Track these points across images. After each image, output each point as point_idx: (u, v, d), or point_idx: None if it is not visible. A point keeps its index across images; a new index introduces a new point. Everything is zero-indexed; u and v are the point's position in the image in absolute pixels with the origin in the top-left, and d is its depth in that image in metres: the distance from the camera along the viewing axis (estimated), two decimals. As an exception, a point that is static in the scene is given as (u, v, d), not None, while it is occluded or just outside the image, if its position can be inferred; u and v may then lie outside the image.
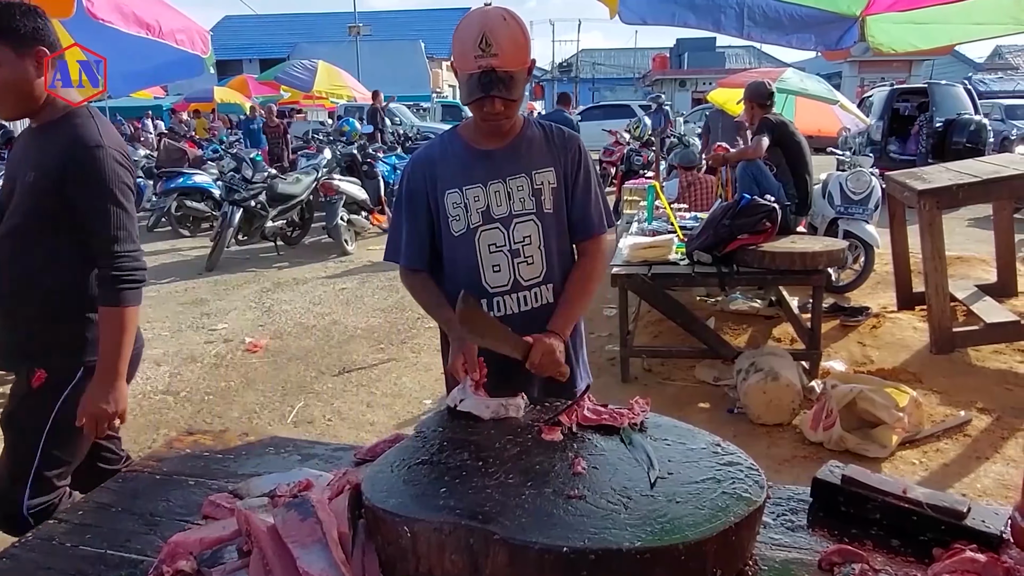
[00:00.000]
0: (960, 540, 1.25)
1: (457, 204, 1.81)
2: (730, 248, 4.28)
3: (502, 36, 1.62)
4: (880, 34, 2.72)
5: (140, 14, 3.69)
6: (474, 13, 1.68)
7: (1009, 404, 3.95)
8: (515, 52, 1.64)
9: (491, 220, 1.81)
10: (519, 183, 1.82)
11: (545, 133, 1.89)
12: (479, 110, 1.72)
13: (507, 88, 1.64)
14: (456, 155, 1.84)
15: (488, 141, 1.83)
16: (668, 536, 1.12)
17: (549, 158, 1.85)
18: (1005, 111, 16.41)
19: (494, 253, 1.82)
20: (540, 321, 1.83)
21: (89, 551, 1.37)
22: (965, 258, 6.74)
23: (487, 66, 1.61)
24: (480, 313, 1.65)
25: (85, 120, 1.93)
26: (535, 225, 1.83)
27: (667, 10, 2.61)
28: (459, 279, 1.84)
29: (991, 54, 34.85)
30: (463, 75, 1.67)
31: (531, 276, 1.85)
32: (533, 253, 1.84)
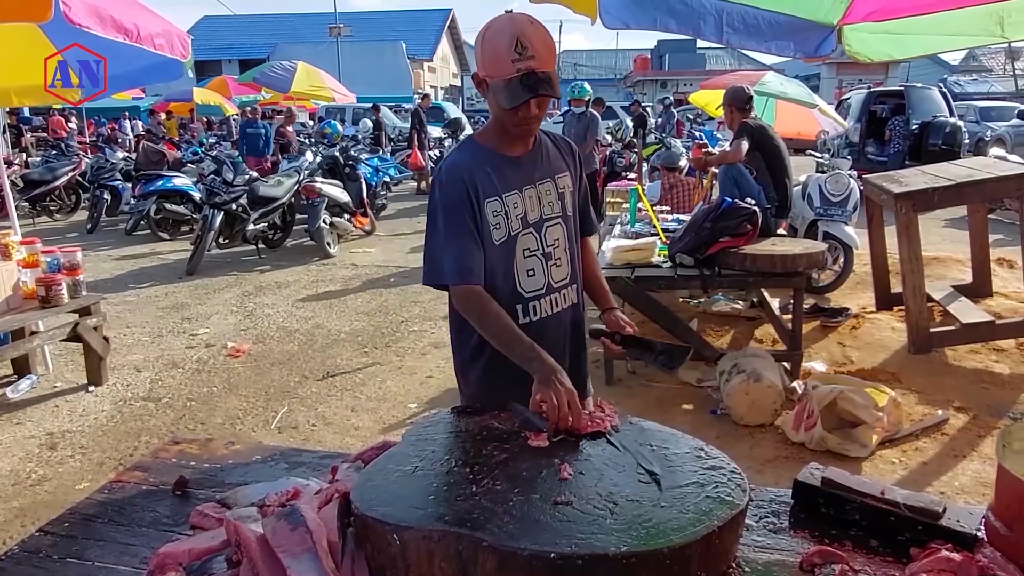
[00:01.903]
0: (936, 540, 1.28)
1: (498, 212, 1.78)
2: (712, 250, 4.33)
3: (535, 38, 1.63)
4: (857, 43, 2.76)
5: (118, 18, 3.65)
6: (501, 19, 1.67)
7: (985, 403, 4.03)
8: (548, 53, 1.66)
9: (527, 225, 1.83)
10: (547, 187, 1.86)
11: (553, 141, 1.93)
12: (515, 115, 1.70)
13: (550, 87, 1.65)
14: (488, 163, 1.80)
15: (515, 148, 1.83)
16: (653, 540, 1.14)
17: (564, 164, 1.91)
18: (979, 113, 16.71)
19: (528, 258, 1.83)
20: (568, 321, 1.91)
21: (75, 563, 1.37)
22: (941, 258, 6.85)
23: (527, 68, 1.61)
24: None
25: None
26: (562, 228, 1.88)
27: (648, 15, 2.64)
28: (494, 287, 1.80)
29: (965, 56, 35.42)
30: (499, 81, 1.64)
31: (560, 278, 1.89)
32: (561, 255, 1.88)
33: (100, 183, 10.57)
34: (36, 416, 4.27)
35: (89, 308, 4.48)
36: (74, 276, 4.35)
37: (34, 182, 10.80)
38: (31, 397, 4.53)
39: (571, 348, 1.95)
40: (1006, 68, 30.22)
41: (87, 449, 3.85)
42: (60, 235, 10.09)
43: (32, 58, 4.68)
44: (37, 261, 4.27)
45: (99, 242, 9.73)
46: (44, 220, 11.19)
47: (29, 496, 3.39)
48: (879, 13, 2.72)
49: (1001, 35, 2.83)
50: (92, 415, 4.27)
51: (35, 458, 3.76)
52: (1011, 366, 4.50)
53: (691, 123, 16.56)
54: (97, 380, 4.65)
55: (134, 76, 4.75)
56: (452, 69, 44.73)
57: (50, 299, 4.16)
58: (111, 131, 18.72)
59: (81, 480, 3.51)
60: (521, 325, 1.78)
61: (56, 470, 3.64)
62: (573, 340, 1.96)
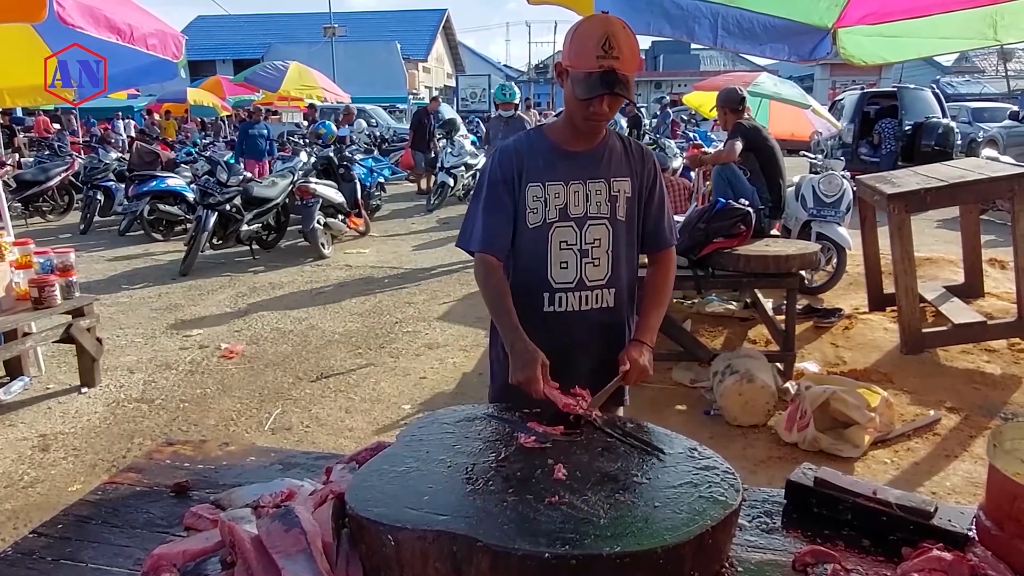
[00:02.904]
0: (928, 539, 1.29)
1: (537, 198, 1.86)
2: (706, 251, 4.34)
3: (623, 41, 1.71)
4: (851, 46, 2.78)
5: (112, 18, 3.65)
6: (596, 18, 1.79)
7: (977, 403, 4.05)
8: (632, 58, 1.73)
9: (567, 218, 1.87)
10: (598, 187, 1.88)
11: (625, 145, 1.96)
12: (586, 108, 1.77)
13: (625, 88, 1.72)
14: (542, 151, 1.89)
15: (575, 143, 1.89)
16: (647, 540, 1.15)
17: (627, 169, 1.93)
18: (972, 114, 16.79)
19: (564, 250, 1.88)
20: (596, 321, 1.94)
21: (69, 565, 1.37)
22: (934, 259, 6.89)
23: (608, 66, 1.69)
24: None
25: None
26: (607, 229, 1.90)
27: (642, 19, 2.65)
28: (525, 270, 1.90)
29: (958, 58, 35.57)
30: (580, 73, 1.73)
31: (596, 277, 1.91)
32: (601, 256, 1.90)
33: (93, 184, 10.53)
34: (29, 418, 4.25)
35: (82, 309, 4.47)
36: (67, 277, 4.33)
37: (27, 183, 10.75)
38: (23, 398, 4.51)
39: (599, 350, 1.94)
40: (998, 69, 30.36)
41: (80, 451, 3.83)
42: (53, 236, 10.05)
43: (26, 58, 4.67)
44: (30, 262, 4.25)
45: (92, 243, 9.69)
46: (37, 221, 11.14)
47: (21, 498, 3.38)
48: (873, 16, 2.74)
49: (995, 38, 2.85)
50: (85, 417, 4.25)
51: (27, 460, 3.75)
52: (1002, 366, 4.53)
53: (686, 124, 16.62)
54: (90, 381, 4.63)
55: (131, 76, 4.76)
56: (447, 69, 44.71)
57: (43, 300, 4.14)
58: (104, 131, 18.64)
59: (74, 482, 3.50)
60: (545, 313, 1.89)
61: (49, 472, 3.62)
62: (603, 343, 1.95)
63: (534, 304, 1.89)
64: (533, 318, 1.86)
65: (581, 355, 1.92)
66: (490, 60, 54.41)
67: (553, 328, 1.88)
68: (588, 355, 1.93)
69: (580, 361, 1.91)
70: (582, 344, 1.92)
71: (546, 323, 1.88)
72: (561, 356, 1.81)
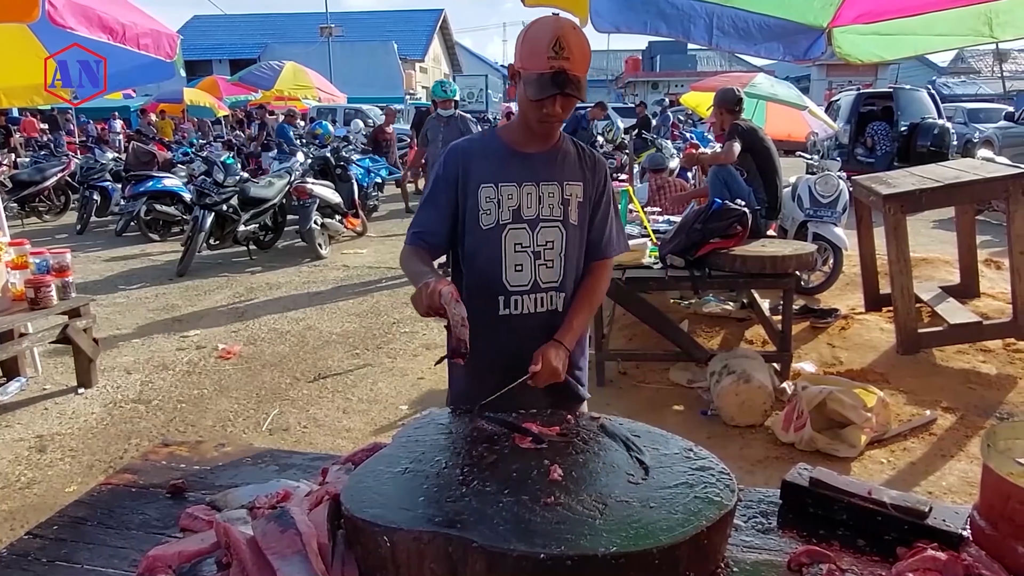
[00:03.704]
0: (923, 539, 1.30)
1: (490, 199, 1.85)
2: (702, 252, 4.34)
3: (574, 43, 1.71)
4: (847, 45, 2.79)
5: (106, 19, 3.64)
6: (547, 19, 1.78)
7: (972, 403, 4.06)
8: (583, 59, 1.74)
9: (520, 220, 1.86)
10: (551, 189, 1.88)
11: (578, 151, 1.96)
12: (539, 110, 1.77)
13: (576, 88, 1.73)
14: (495, 152, 1.89)
15: (528, 144, 1.89)
16: (642, 541, 1.15)
17: (580, 174, 1.93)
18: (968, 114, 16.83)
19: (518, 252, 1.87)
20: (547, 325, 1.91)
21: (65, 566, 1.36)
22: (930, 259, 6.90)
23: (559, 67, 1.70)
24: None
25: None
26: (559, 232, 1.89)
27: (639, 18, 2.66)
28: (480, 272, 1.89)
29: (954, 58, 35.68)
30: (532, 74, 1.73)
31: (549, 280, 1.91)
32: (554, 258, 1.90)
33: (90, 184, 10.51)
34: (25, 418, 4.24)
35: (79, 310, 4.46)
36: (63, 278, 4.33)
37: (23, 183, 10.73)
38: (20, 399, 4.50)
39: None
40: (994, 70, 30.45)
41: (77, 452, 3.83)
42: (49, 236, 10.03)
43: (22, 58, 4.67)
44: (26, 263, 4.25)
45: (89, 243, 9.67)
46: (33, 221, 11.12)
47: (18, 499, 3.37)
48: (868, 15, 2.75)
49: (990, 35, 2.86)
50: (82, 417, 4.24)
51: (24, 461, 3.74)
52: (998, 366, 4.54)
53: (683, 124, 16.66)
54: (87, 382, 4.63)
55: (131, 76, 4.77)
56: (444, 70, 44.69)
57: (39, 301, 4.13)
58: (101, 131, 18.59)
59: (71, 483, 3.49)
60: (500, 316, 1.88)
61: (45, 473, 3.61)
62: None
63: (490, 307, 1.87)
64: (488, 321, 1.84)
65: (529, 358, 1.87)
66: (487, 60, 54.36)
67: (508, 331, 1.87)
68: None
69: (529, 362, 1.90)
70: (532, 346, 1.86)
71: (501, 326, 1.88)
72: (514, 359, 1.79)
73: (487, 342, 1.76)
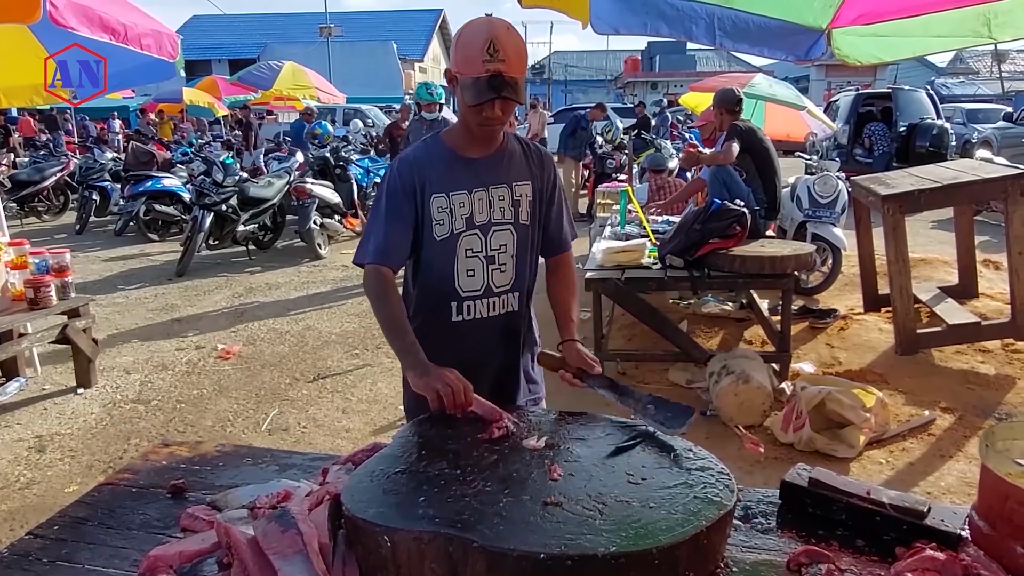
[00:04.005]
0: (921, 539, 1.30)
1: (443, 209, 1.83)
2: (702, 252, 4.34)
3: (509, 44, 1.68)
4: (846, 46, 2.80)
5: (107, 19, 3.65)
6: (479, 21, 1.74)
7: (971, 403, 4.07)
8: (519, 60, 1.71)
9: (472, 226, 1.85)
10: (500, 192, 1.87)
11: (523, 148, 1.95)
12: (479, 114, 1.75)
13: (514, 91, 1.70)
14: (443, 160, 1.86)
15: (474, 149, 1.86)
16: (642, 541, 1.15)
17: (527, 172, 1.92)
18: (966, 115, 16.84)
19: (470, 258, 1.86)
20: (503, 327, 1.93)
21: (66, 566, 1.37)
22: (928, 260, 6.91)
23: (496, 70, 1.67)
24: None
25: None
26: (511, 234, 1.89)
27: (639, 20, 2.66)
28: (433, 281, 1.88)
29: (953, 58, 35.69)
30: (467, 79, 1.70)
31: (502, 283, 1.90)
32: (507, 261, 1.90)
33: (89, 184, 10.51)
34: (24, 419, 4.24)
35: (78, 310, 4.46)
36: (63, 278, 4.33)
37: (22, 182, 10.73)
38: (19, 399, 4.50)
39: (504, 355, 1.97)
40: (992, 70, 30.47)
41: (76, 452, 3.83)
42: (48, 236, 10.03)
43: (21, 58, 4.67)
44: (26, 263, 4.25)
45: (88, 243, 9.67)
46: (32, 221, 11.12)
47: (17, 499, 3.37)
48: (867, 16, 2.76)
49: (989, 36, 2.87)
50: (81, 418, 4.24)
51: (23, 461, 3.74)
52: (996, 367, 4.55)
53: (682, 124, 16.65)
54: (86, 382, 4.63)
55: (131, 76, 4.78)
56: (443, 69, 44.74)
57: (39, 301, 4.13)
58: (100, 131, 18.57)
59: (70, 483, 3.49)
60: (453, 322, 1.87)
61: (45, 473, 3.62)
62: (507, 347, 1.97)
63: (442, 314, 1.88)
64: (442, 328, 1.86)
65: (488, 361, 1.91)
66: (486, 60, 54.28)
67: (462, 337, 1.87)
68: (495, 361, 1.94)
69: (487, 367, 1.90)
70: (489, 350, 1.91)
71: (454, 332, 1.88)
72: (470, 364, 1.79)
73: (441, 349, 1.77)
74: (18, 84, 5.09)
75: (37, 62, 4.67)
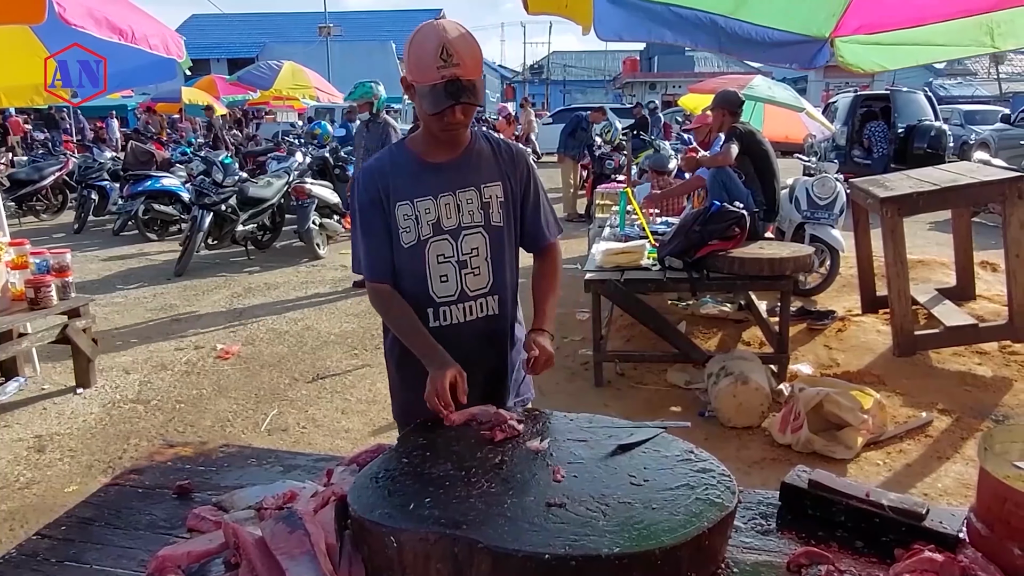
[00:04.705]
0: (920, 541, 1.32)
1: (408, 216, 1.82)
2: (701, 254, 4.36)
3: (461, 47, 1.65)
4: (849, 54, 2.81)
5: (113, 19, 3.66)
6: (427, 27, 1.70)
7: (968, 405, 4.09)
8: (474, 62, 1.68)
9: (440, 232, 1.83)
10: (468, 196, 1.84)
11: (493, 148, 1.91)
12: (440, 120, 1.72)
13: (473, 95, 1.67)
14: (406, 167, 1.84)
15: (439, 154, 1.84)
16: (645, 542, 1.17)
17: (497, 172, 1.89)
18: (964, 116, 16.89)
19: (442, 264, 1.84)
20: (483, 330, 1.91)
21: (74, 567, 1.38)
22: (926, 261, 6.93)
23: (451, 75, 1.64)
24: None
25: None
26: (483, 237, 1.86)
27: (643, 27, 2.66)
28: (406, 288, 1.86)
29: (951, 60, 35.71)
30: (424, 87, 1.67)
31: (477, 287, 1.88)
32: (480, 264, 1.87)
33: (88, 183, 10.51)
34: (24, 418, 4.25)
35: (78, 310, 4.46)
36: (63, 278, 4.33)
37: (20, 182, 10.72)
38: (19, 399, 4.51)
39: (490, 357, 1.93)
40: (990, 72, 30.55)
41: (76, 452, 3.83)
42: (47, 235, 10.02)
43: (21, 58, 4.67)
44: (26, 262, 4.25)
45: (86, 242, 9.67)
46: (31, 220, 11.11)
47: (18, 499, 3.38)
48: (870, 26, 2.77)
49: (991, 45, 2.88)
50: (81, 417, 4.25)
51: (23, 461, 3.75)
52: (993, 369, 4.57)
53: (680, 125, 16.62)
54: (85, 382, 4.63)
55: (131, 75, 4.78)
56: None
57: (39, 301, 4.14)
58: (98, 129, 18.54)
59: (70, 483, 3.50)
60: (431, 328, 1.86)
61: (45, 473, 3.62)
62: (492, 350, 1.94)
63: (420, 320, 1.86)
64: None
65: (472, 366, 1.84)
66: (485, 60, 54.29)
67: (441, 343, 1.82)
68: (479, 365, 1.89)
69: (472, 372, 1.83)
70: (471, 355, 1.86)
71: (433, 337, 1.84)
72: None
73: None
74: (18, 84, 5.10)
75: (37, 62, 4.67)
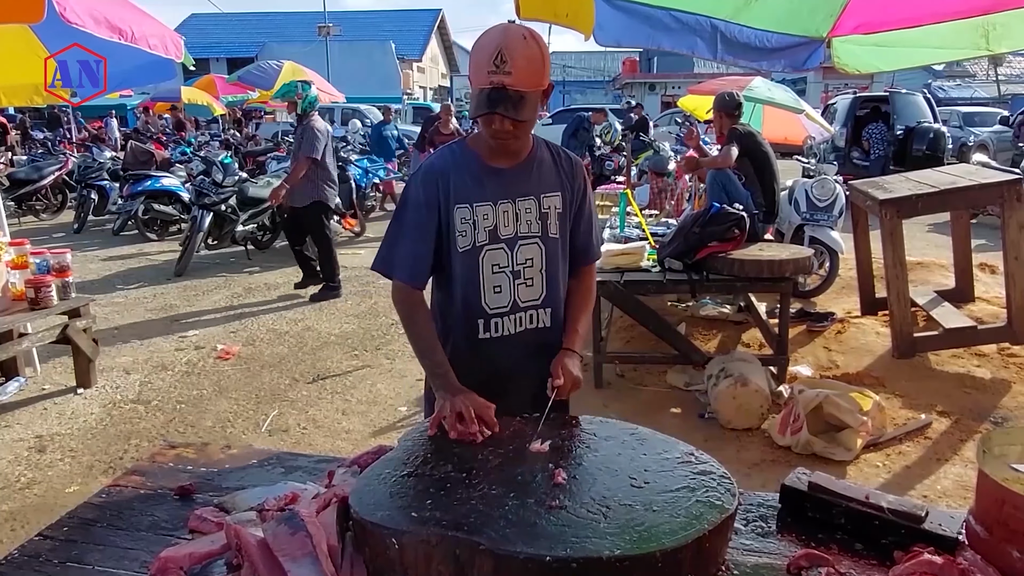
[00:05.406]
0: (919, 543, 1.32)
1: (466, 220, 1.75)
2: (700, 255, 4.37)
3: (519, 54, 1.58)
4: (845, 55, 2.82)
5: (112, 19, 3.66)
6: (495, 28, 1.64)
7: (967, 407, 4.09)
8: (529, 72, 1.60)
9: (497, 240, 1.78)
10: (527, 205, 1.79)
11: (554, 157, 1.86)
12: (487, 126, 1.68)
13: (515, 108, 1.60)
14: (469, 169, 1.78)
15: (499, 159, 1.78)
16: (645, 544, 1.18)
17: (557, 183, 1.84)
18: (963, 118, 16.91)
19: (496, 274, 1.79)
20: (533, 343, 1.85)
21: (76, 567, 1.38)
22: (925, 263, 6.94)
23: (499, 83, 1.58)
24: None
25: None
26: (539, 248, 1.82)
27: (642, 33, 2.67)
28: (458, 296, 1.81)
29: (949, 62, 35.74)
30: (475, 89, 1.64)
31: (530, 298, 1.83)
32: (534, 276, 1.82)
33: (87, 183, 10.50)
34: (24, 419, 4.25)
35: (79, 310, 4.46)
36: (64, 278, 4.33)
37: (20, 181, 10.71)
38: (19, 399, 4.51)
39: (539, 371, 1.81)
40: (989, 74, 30.56)
41: (76, 452, 3.84)
42: (46, 235, 10.01)
43: (21, 58, 4.67)
44: (26, 262, 4.25)
45: (86, 242, 9.66)
46: (30, 220, 11.10)
47: (18, 500, 3.38)
48: (867, 26, 2.78)
49: (987, 47, 2.89)
50: (81, 418, 4.25)
51: (24, 461, 3.75)
52: (992, 371, 4.57)
53: (679, 126, 16.59)
54: (86, 382, 4.63)
55: (131, 75, 4.78)
56: (441, 70, 44.71)
57: (39, 301, 4.14)
58: (97, 130, 18.53)
59: (71, 483, 3.50)
60: (481, 340, 1.81)
61: (45, 473, 3.62)
62: (542, 364, 1.82)
63: (470, 332, 1.81)
64: (469, 346, 1.81)
65: (520, 378, 1.82)
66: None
67: (490, 354, 1.81)
68: (527, 377, 1.82)
69: (520, 384, 1.81)
70: (520, 367, 1.83)
71: (482, 350, 1.81)
72: (500, 381, 1.76)
73: (469, 365, 1.76)
74: (18, 83, 5.10)
75: (37, 62, 4.67)
